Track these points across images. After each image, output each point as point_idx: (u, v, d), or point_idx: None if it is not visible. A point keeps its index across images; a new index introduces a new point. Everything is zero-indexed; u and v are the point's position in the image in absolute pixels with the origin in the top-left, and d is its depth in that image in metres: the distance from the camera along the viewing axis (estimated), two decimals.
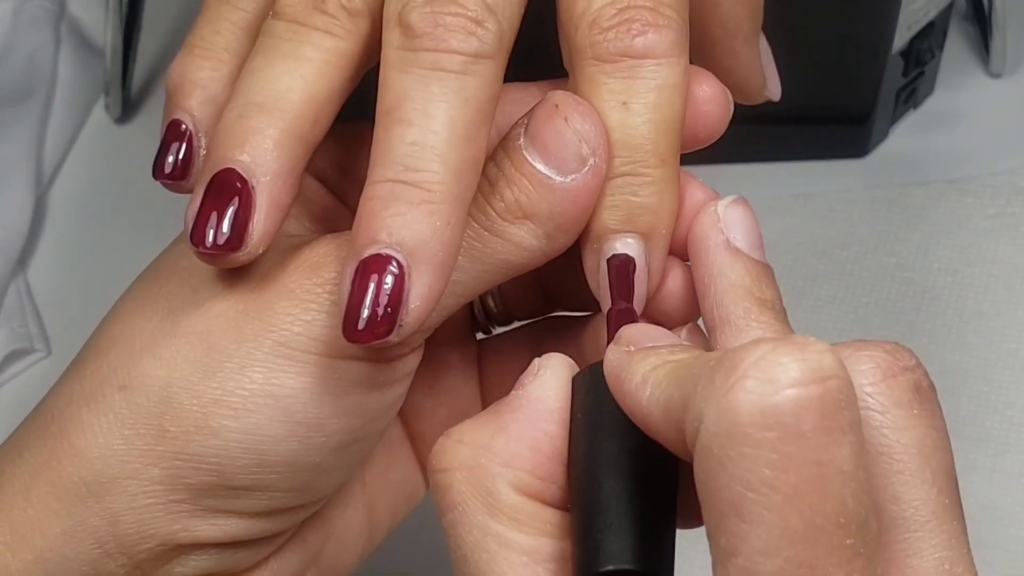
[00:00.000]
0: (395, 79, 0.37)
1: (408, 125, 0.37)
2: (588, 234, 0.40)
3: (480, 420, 0.37)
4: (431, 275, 0.37)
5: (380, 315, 0.36)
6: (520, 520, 0.35)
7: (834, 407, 0.30)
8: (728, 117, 0.41)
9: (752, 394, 0.30)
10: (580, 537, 0.34)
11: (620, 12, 0.39)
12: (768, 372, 0.30)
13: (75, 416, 0.40)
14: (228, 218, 0.38)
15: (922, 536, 0.33)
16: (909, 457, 0.34)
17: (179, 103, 0.41)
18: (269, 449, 0.39)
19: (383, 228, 0.36)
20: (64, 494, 0.39)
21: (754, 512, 0.30)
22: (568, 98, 0.39)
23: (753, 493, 0.30)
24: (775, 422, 0.30)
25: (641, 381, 0.34)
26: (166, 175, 0.41)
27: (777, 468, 0.30)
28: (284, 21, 0.39)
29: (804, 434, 0.30)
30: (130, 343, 0.40)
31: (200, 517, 0.40)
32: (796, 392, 0.30)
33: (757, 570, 0.30)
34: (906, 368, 0.35)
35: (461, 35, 0.37)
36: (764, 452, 0.30)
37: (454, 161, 0.37)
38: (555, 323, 0.46)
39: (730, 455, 0.30)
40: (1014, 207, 0.64)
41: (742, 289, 0.38)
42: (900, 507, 0.34)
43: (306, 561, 0.44)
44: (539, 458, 0.36)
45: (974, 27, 0.69)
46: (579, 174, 0.39)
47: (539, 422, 0.37)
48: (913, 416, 0.34)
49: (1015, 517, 0.56)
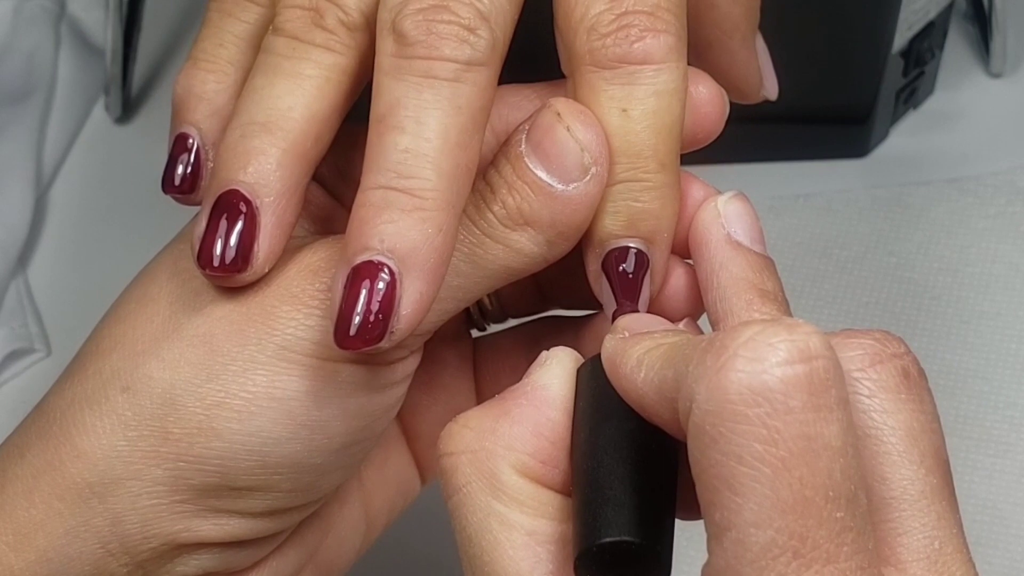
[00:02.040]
0: (388, 86, 0.38)
1: (401, 132, 0.37)
2: (591, 239, 0.40)
3: (486, 406, 0.38)
4: (423, 282, 0.37)
5: (371, 322, 0.37)
6: (522, 501, 0.36)
7: (821, 385, 0.31)
8: (724, 118, 0.41)
9: (742, 372, 0.31)
10: (580, 514, 0.35)
11: (618, 18, 0.39)
12: (757, 351, 0.31)
13: (78, 417, 0.40)
14: (234, 239, 0.39)
15: (911, 515, 0.34)
16: (897, 439, 0.35)
17: (185, 117, 0.42)
18: (272, 451, 0.39)
19: (375, 235, 0.37)
20: (67, 495, 0.40)
21: (746, 485, 0.31)
22: (570, 106, 0.39)
23: (745, 467, 0.31)
24: (764, 399, 0.31)
25: (636, 364, 0.35)
26: (175, 188, 0.42)
27: (767, 442, 0.31)
28: (284, 37, 0.39)
29: (792, 410, 0.31)
30: (132, 345, 0.40)
31: (203, 517, 0.40)
32: (784, 370, 0.31)
33: (750, 542, 0.31)
34: (894, 355, 0.35)
35: (454, 43, 0.37)
36: (754, 427, 0.31)
37: (447, 168, 0.37)
38: (552, 321, 0.46)
39: (721, 431, 0.31)
40: (1014, 207, 0.64)
41: (744, 281, 0.39)
42: (888, 487, 0.34)
43: (304, 558, 0.44)
44: (541, 442, 0.37)
45: (974, 27, 0.69)
46: (580, 182, 0.39)
47: (543, 408, 0.37)
48: (900, 400, 0.35)
49: (1015, 517, 0.56)
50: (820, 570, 0.31)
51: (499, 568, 0.35)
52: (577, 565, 0.34)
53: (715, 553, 0.32)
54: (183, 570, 0.41)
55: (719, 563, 0.32)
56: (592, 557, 0.34)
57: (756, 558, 0.31)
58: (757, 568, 0.31)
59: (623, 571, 0.34)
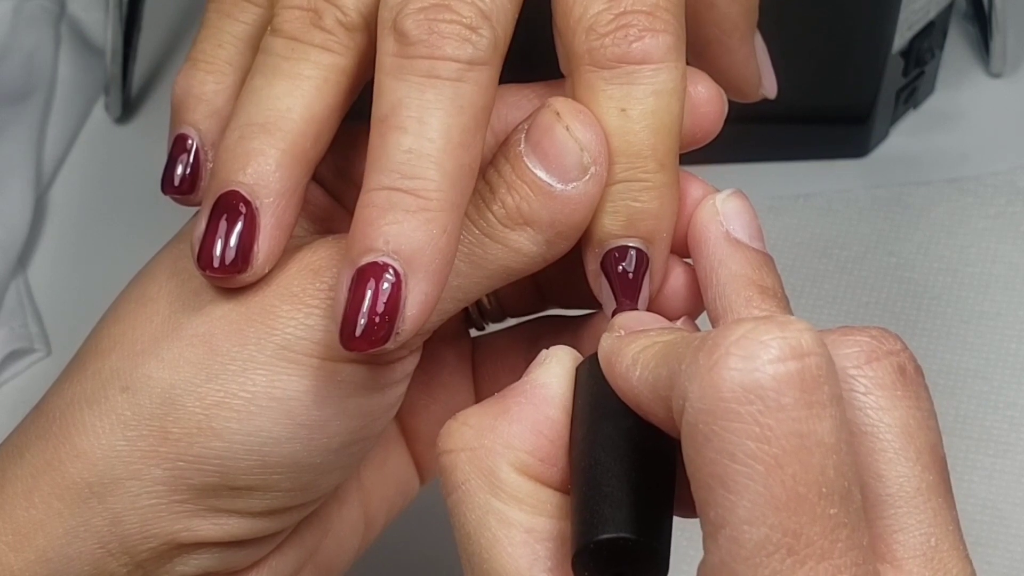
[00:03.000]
0: (390, 86, 0.38)
1: (404, 132, 0.37)
2: (590, 239, 0.40)
3: (486, 404, 0.38)
4: (428, 283, 0.37)
5: (377, 323, 0.37)
6: (521, 499, 0.36)
7: (814, 382, 0.31)
8: (723, 117, 0.41)
9: (734, 370, 0.31)
10: (578, 511, 0.35)
11: (617, 17, 0.39)
12: (749, 349, 0.31)
13: (77, 417, 0.40)
14: (233, 240, 0.39)
15: (907, 512, 0.34)
16: (893, 436, 0.35)
17: (184, 117, 0.42)
18: (272, 450, 0.39)
19: (380, 236, 0.37)
20: (67, 495, 0.40)
21: (739, 483, 0.31)
22: (569, 105, 0.39)
23: (738, 464, 0.31)
24: (756, 396, 0.31)
25: (631, 362, 0.35)
26: (174, 188, 0.42)
27: (759, 440, 0.31)
28: (282, 38, 0.39)
29: (784, 407, 0.31)
30: (132, 344, 0.40)
31: (202, 517, 0.40)
32: (776, 368, 0.31)
33: (744, 539, 0.31)
34: (890, 352, 0.35)
35: (456, 42, 0.37)
36: (746, 425, 0.31)
37: (450, 168, 0.37)
38: (551, 321, 0.46)
39: (714, 429, 0.31)
40: (1014, 207, 0.64)
41: (743, 278, 0.39)
42: (884, 484, 0.34)
43: (303, 558, 0.44)
44: (540, 440, 0.37)
45: (974, 27, 0.69)
46: (580, 182, 0.39)
47: (541, 406, 0.37)
48: (896, 397, 0.35)
49: (1015, 517, 0.56)
50: (815, 567, 0.31)
51: (497, 565, 0.35)
52: (575, 562, 0.34)
53: (710, 550, 0.32)
54: (183, 570, 0.41)
55: (714, 560, 0.32)
56: (590, 554, 0.34)
57: (750, 555, 0.31)
58: (751, 565, 0.31)
59: (621, 568, 0.34)
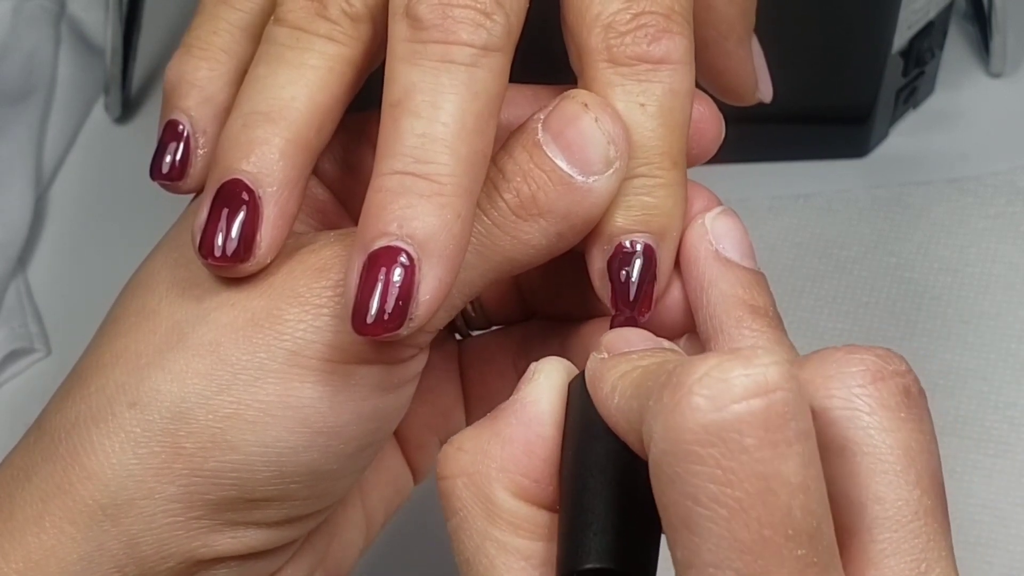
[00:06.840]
0: (403, 71, 0.37)
1: (417, 117, 0.37)
2: (599, 235, 0.40)
3: (479, 426, 0.37)
4: (442, 268, 0.36)
5: (390, 308, 0.36)
6: (517, 524, 0.35)
7: (779, 420, 0.30)
8: (720, 138, 0.41)
9: (697, 411, 0.30)
10: (564, 536, 0.34)
11: (635, 17, 0.39)
12: (711, 388, 0.30)
13: (84, 437, 0.39)
14: (236, 228, 0.38)
15: (902, 537, 0.33)
16: (895, 458, 0.34)
17: (176, 103, 0.41)
18: (289, 460, 0.39)
19: (393, 220, 0.36)
20: (79, 518, 0.38)
21: (703, 526, 0.30)
22: (595, 98, 0.39)
23: (701, 508, 0.30)
24: (718, 438, 0.30)
25: (610, 390, 0.34)
26: (163, 175, 0.41)
27: (721, 483, 0.30)
28: (287, 27, 0.39)
29: (747, 448, 0.30)
30: (136, 358, 0.39)
31: (219, 531, 0.39)
32: (739, 407, 0.30)
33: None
34: (895, 372, 0.34)
35: (471, 27, 0.37)
36: (708, 468, 0.30)
37: (464, 154, 0.37)
38: (538, 323, 0.46)
39: (677, 471, 0.30)
40: (1014, 207, 0.64)
41: (734, 298, 0.39)
42: (883, 507, 0.34)
43: (315, 563, 0.44)
44: (534, 461, 0.36)
45: (974, 27, 0.69)
46: (602, 176, 0.38)
47: (533, 425, 0.36)
48: (900, 419, 0.34)
49: (1015, 517, 0.56)
50: None
51: None
52: None
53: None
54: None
55: None
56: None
57: None
58: None
59: None
